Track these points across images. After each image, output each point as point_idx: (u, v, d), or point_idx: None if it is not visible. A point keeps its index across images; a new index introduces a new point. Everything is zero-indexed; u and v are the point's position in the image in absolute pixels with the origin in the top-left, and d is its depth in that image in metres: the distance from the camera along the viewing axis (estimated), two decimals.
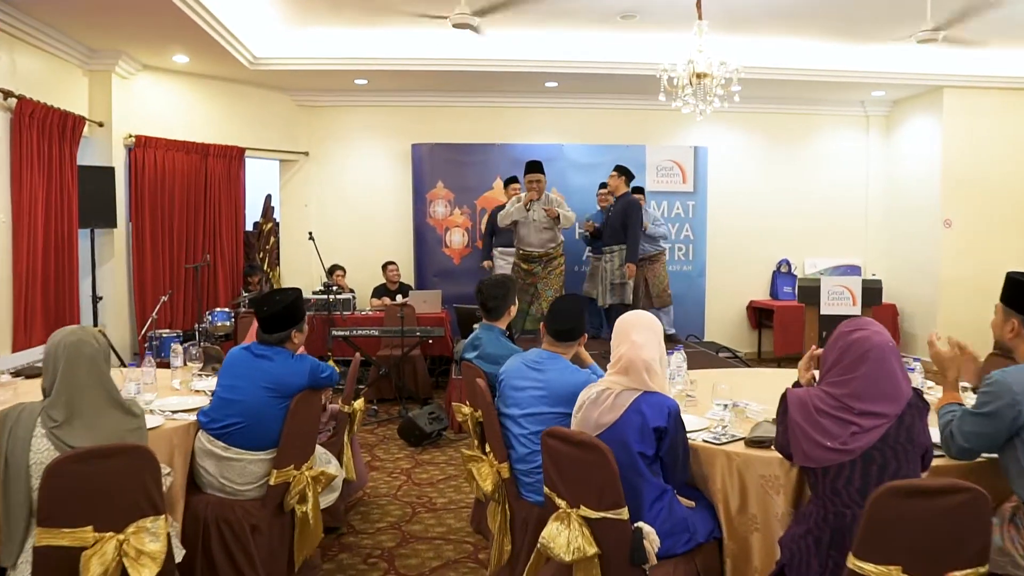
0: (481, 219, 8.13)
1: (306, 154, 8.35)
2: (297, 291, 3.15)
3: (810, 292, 5.86)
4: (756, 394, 3.19)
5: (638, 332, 2.54)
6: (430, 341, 6.43)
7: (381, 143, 8.46)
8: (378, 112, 8.43)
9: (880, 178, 9.24)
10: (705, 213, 8.50)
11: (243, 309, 7.09)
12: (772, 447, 2.45)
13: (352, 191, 8.45)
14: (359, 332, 6.16)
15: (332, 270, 7.86)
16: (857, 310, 5.78)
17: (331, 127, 8.42)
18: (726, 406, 2.85)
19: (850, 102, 9.08)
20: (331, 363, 5.78)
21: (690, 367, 3.69)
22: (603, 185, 7.48)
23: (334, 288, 7.23)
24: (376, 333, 6.18)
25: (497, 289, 3.55)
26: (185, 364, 3.82)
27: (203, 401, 3.14)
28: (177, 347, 3.83)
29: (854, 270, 9.26)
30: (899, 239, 9.02)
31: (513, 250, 7.14)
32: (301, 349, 3.19)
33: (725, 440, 2.62)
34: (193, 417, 2.97)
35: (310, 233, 6.53)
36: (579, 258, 8.29)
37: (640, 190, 7.68)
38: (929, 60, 8.00)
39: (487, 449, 3.14)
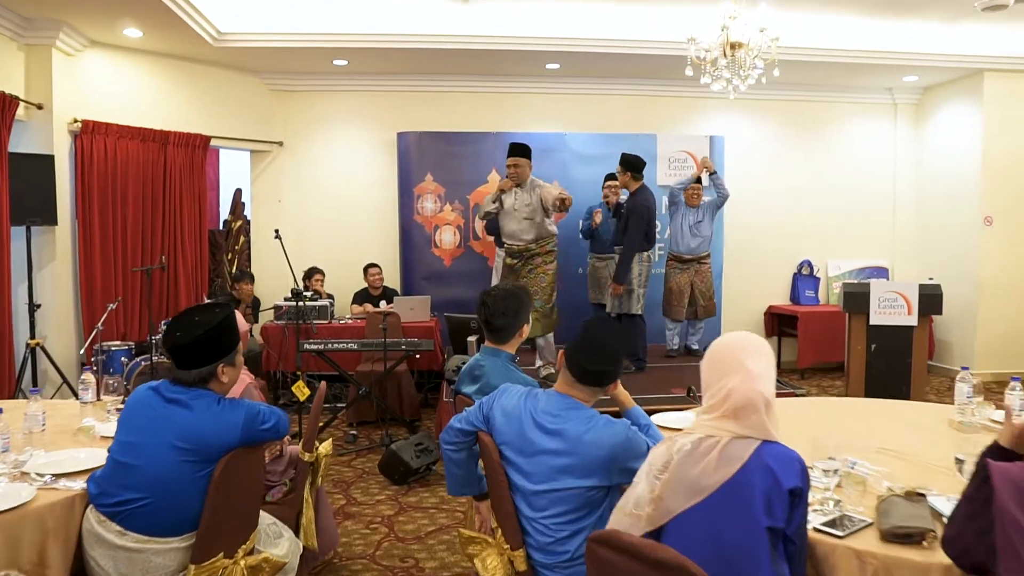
0: (475, 216, 7.31)
1: (280, 144, 7.51)
2: (227, 308, 2.30)
3: (857, 299, 5.07)
4: (848, 440, 2.40)
5: (753, 358, 1.80)
6: (417, 356, 5.60)
7: (363, 132, 7.63)
8: (360, 97, 7.60)
9: (909, 172, 8.48)
10: (722, 210, 7.68)
11: None
12: (925, 543, 1.66)
13: (331, 185, 7.61)
14: (335, 345, 5.32)
15: (310, 274, 7.03)
16: (913, 320, 5.00)
17: (308, 114, 7.58)
18: (835, 471, 2.05)
19: (877, 89, 8.31)
20: (299, 387, 4.98)
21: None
22: (610, 176, 6.67)
23: (310, 294, 6.40)
24: (354, 346, 5.35)
25: (506, 303, 2.72)
26: (98, 398, 2.96)
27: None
28: (89, 377, 2.97)
29: (881, 272, 8.51)
30: (931, 238, 8.25)
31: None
32: (237, 389, 2.35)
33: (849, 529, 1.82)
34: (82, 484, 2.14)
35: (276, 231, 5.69)
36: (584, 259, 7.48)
37: (699, 179, 6.85)
38: (968, 41, 7.25)
39: (494, 525, 2.32)
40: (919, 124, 8.42)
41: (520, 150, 5.50)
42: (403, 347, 5.32)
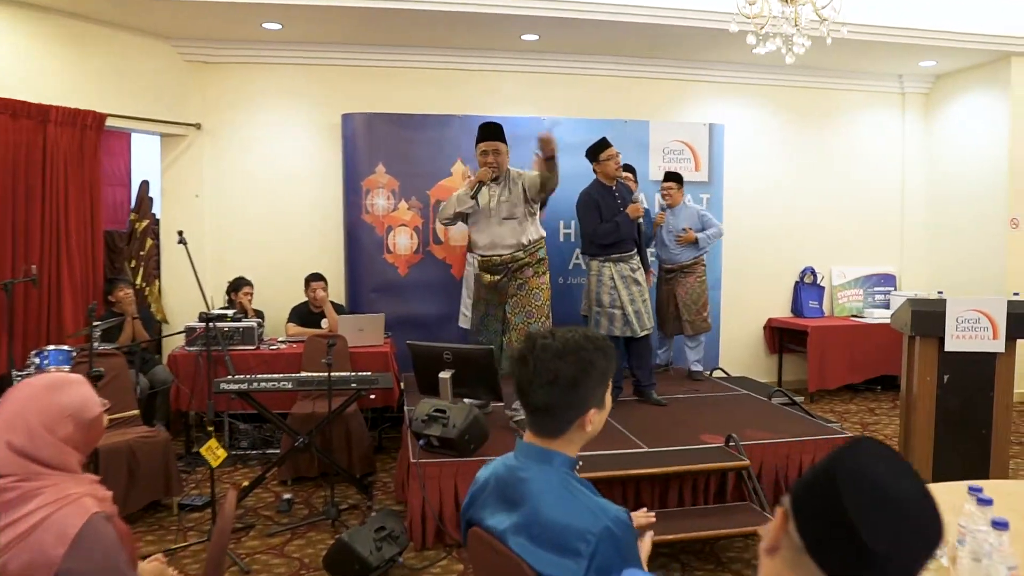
0: (436, 214, 6.09)
1: (197, 127, 6.15)
2: None
3: (927, 319, 4.05)
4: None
5: None
6: (371, 396, 4.35)
7: (301, 113, 6.33)
8: (297, 71, 6.30)
9: (918, 169, 7.60)
10: (722, 208, 6.66)
11: (98, 344, 4.88)
12: None
13: (261, 178, 6.29)
14: (262, 384, 4.03)
15: (235, 286, 5.70)
16: (999, 345, 4.00)
17: (232, 91, 6.24)
18: None
19: (886, 75, 7.40)
20: (210, 449, 3.68)
21: (731, 417, 3.11)
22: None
23: (233, 312, 5.08)
24: (288, 386, 4.06)
25: (564, 363, 1.48)
26: None
27: None
28: None
29: (888, 280, 7.62)
30: (944, 243, 7.38)
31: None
32: (69, 518, 1.12)
33: None
34: None
35: (180, 233, 4.37)
36: (564, 267, 6.35)
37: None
38: (992, 22, 6.38)
39: None
40: (929, 116, 7.55)
41: (496, 131, 4.34)
42: (353, 384, 4.07)
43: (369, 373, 4.24)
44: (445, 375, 3.86)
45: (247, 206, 6.26)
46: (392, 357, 5.14)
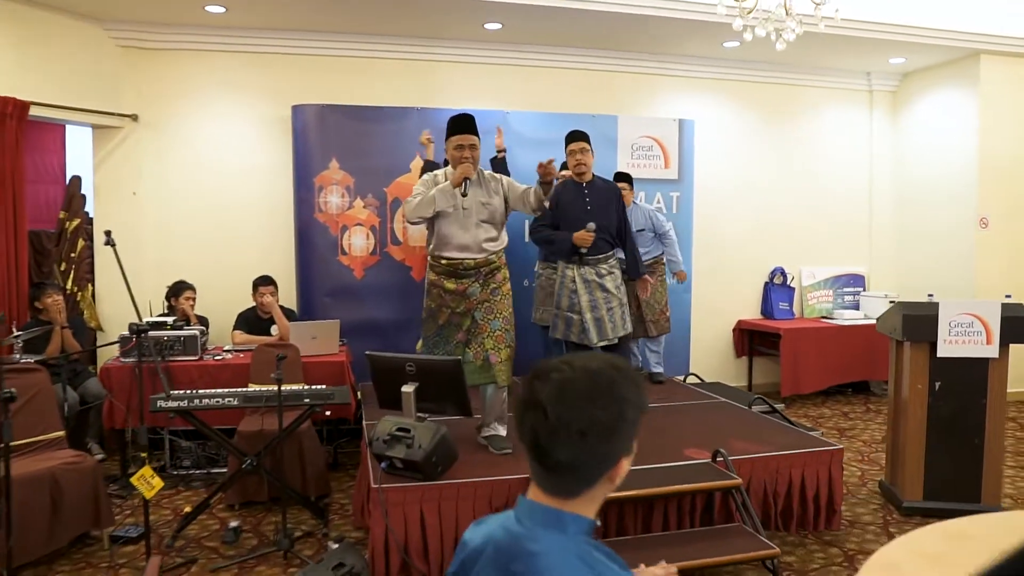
0: (394, 213, 5.73)
1: (134, 118, 5.68)
2: None
3: (919, 324, 3.85)
4: None
5: None
6: (327, 413, 3.97)
7: (248, 104, 5.90)
8: (243, 60, 5.87)
9: (886, 168, 7.49)
10: (692, 208, 6.43)
11: (20, 357, 4.42)
12: None
13: (205, 174, 5.84)
14: (205, 401, 3.62)
15: (176, 290, 5.26)
16: (993, 350, 3.81)
17: (172, 80, 5.78)
18: None
19: (854, 72, 7.27)
20: (142, 477, 3.26)
21: (713, 428, 2.99)
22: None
23: (172, 320, 4.65)
24: (234, 402, 3.66)
25: (592, 403, 1.13)
26: None
27: None
28: None
29: (857, 280, 7.49)
30: (913, 243, 7.28)
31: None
32: None
33: None
34: None
35: (107, 234, 3.93)
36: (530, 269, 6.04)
37: (625, 177, 5.55)
38: (962, 20, 6.28)
39: None
40: (897, 114, 7.44)
41: (470, 124, 3.99)
42: (306, 400, 3.69)
43: (323, 387, 3.86)
44: (408, 389, 3.51)
45: (190, 204, 5.81)
46: (348, 367, 4.76)
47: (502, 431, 3.99)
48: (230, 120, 5.87)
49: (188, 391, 3.74)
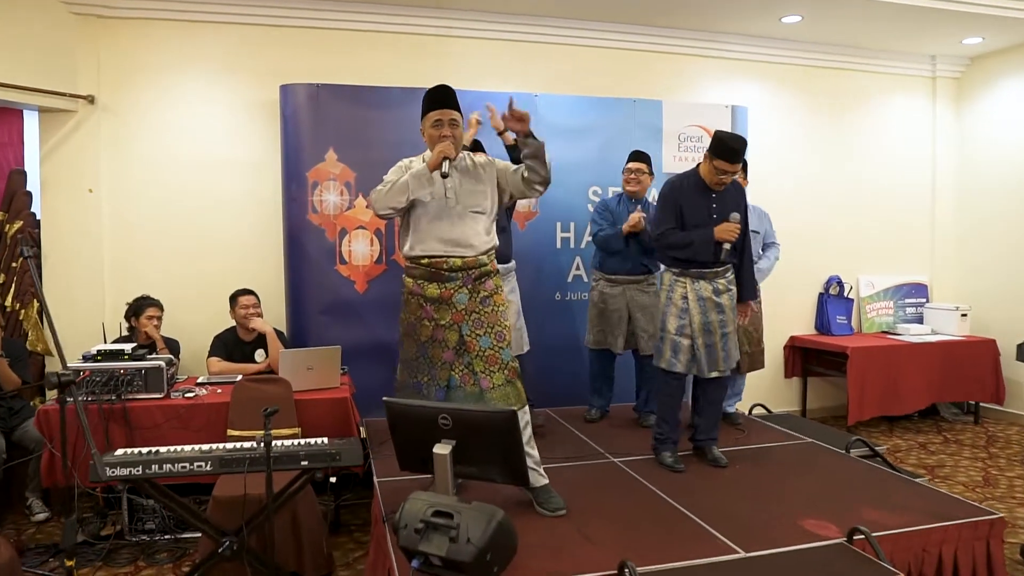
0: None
1: (89, 100, 4.73)
2: None
3: None
4: None
5: None
6: (332, 480, 3.01)
7: (228, 84, 4.96)
8: (224, 32, 4.93)
9: (950, 164, 6.65)
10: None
11: None
12: None
13: (176, 167, 4.89)
14: (164, 465, 2.68)
15: (137, 309, 4.32)
16: None
17: (137, 54, 4.83)
18: None
19: (917, 56, 6.43)
20: None
21: (823, 484, 2.29)
22: (636, 157, 4.45)
23: (131, 349, 3.71)
24: (206, 467, 2.72)
25: None
26: None
27: None
28: None
29: (919, 290, 6.65)
30: (982, 249, 6.46)
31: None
32: None
33: None
34: None
35: (23, 247, 2.96)
36: (562, 279, 5.15)
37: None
38: None
39: None
40: (961, 104, 6.60)
41: (448, 97, 3.10)
42: (303, 463, 2.76)
43: (324, 442, 2.94)
44: (443, 451, 2.59)
45: (158, 204, 4.86)
46: (352, 405, 3.82)
47: (543, 478, 3.09)
48: (207, 103, 4.92)
49: (140, 452, 2.80)
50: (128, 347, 3.65)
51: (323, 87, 4.72)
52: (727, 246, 3.59)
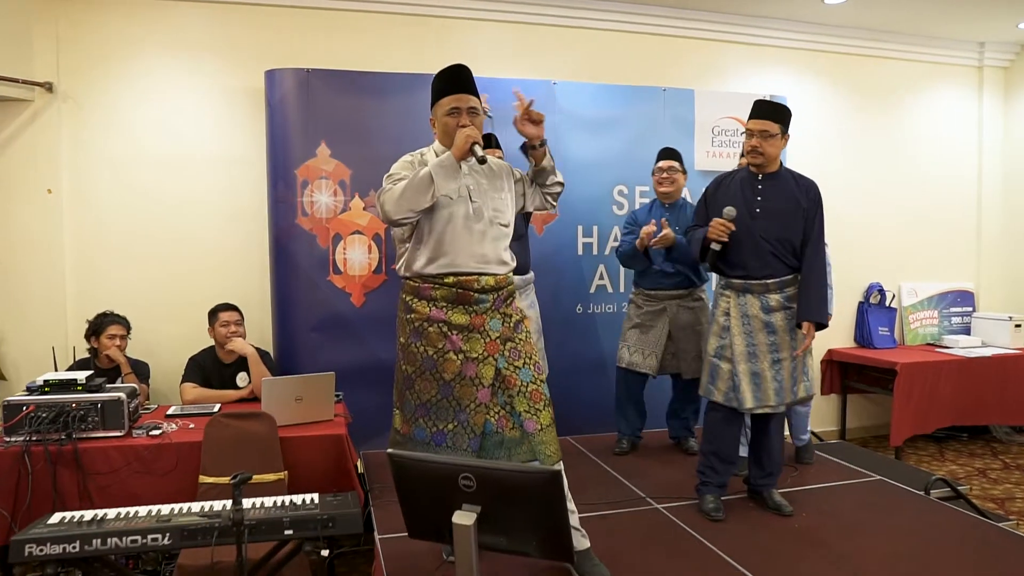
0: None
1: (47, 88, 4.15)
2: None
3: None
4: None
5: None
6: (322, 554, 2.42)
7: (207, 70, 4.37)
8: (200, 10, 4.35)
9: (997, 162, 6.11)
10: None
11: None
12: None
13: (146, 165, 4.31)
14: (108, 539, 2.11)
15: (96, 327, 3.75)
16: None
17: (102, 37, 4.25)
18: None
19: (964, 42, 5.90)
20: None
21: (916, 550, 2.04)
22: (666, 155, 3.91)
23: (84, 378, 3.13)
24: (163, 542, 2.15)
25: None
26: None
27: None
28: None
29: (965, 298, 6.11)
30: None
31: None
32: None
33: None
34: None
35: None
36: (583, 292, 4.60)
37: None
38: None
39: None
40: (1010, 95, 6.07)
41: (464, 80, 2.55)
42: (287, 531, 2.19)
43: (313, 501, 2.37)
44: (465, 519, 2.03)
45: (128, 206, 4.28)
46: (349, 443, 3.25)
47: (585, 540, 2.55)
48: (182, 92, 4.34)
49: (80, 518, 2.22)
50: (81, 376, 3.07)
51: (314, 72, 4.15)
52: (715, 246, 3.02)
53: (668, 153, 3.98)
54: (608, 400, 4.20)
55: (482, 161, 2.39)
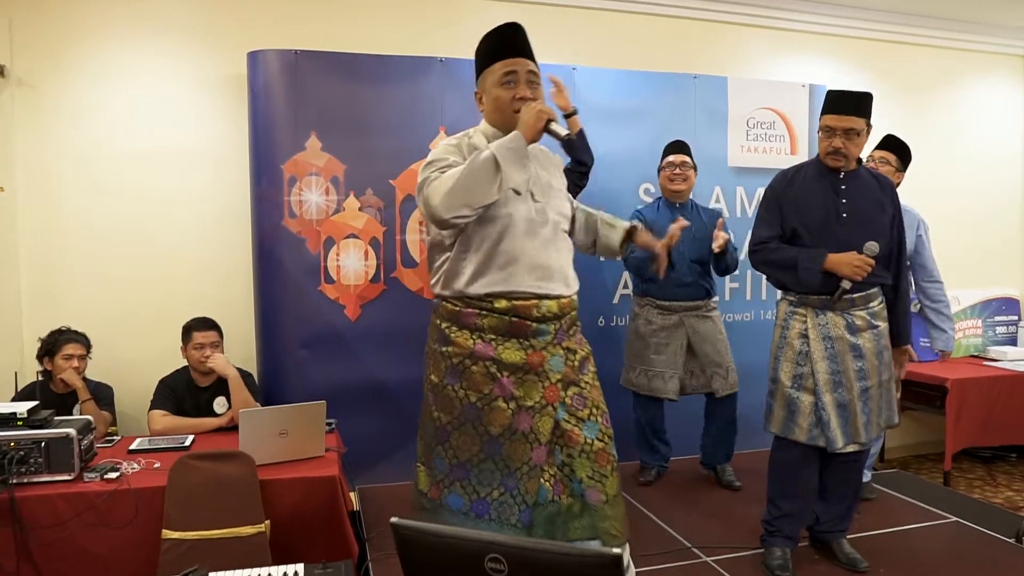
0: (407, 217, 3.77)
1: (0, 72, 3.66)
2: None
3: None
4: None
5: None
6: None
7: (182, 53, 3.87)
8: None
9: None
10: None
11: None
12: None
13: (113, 160, 3.81)
14: None
15: (50, 346, 3.26)
16: None
17: (64, 16, 3.75)
18: None
19: (1006, 28, 5.45)
20: None
21: None
22: (677, 148, 3.47)
23: (32, 411, 2.64)
24: None
25: None
26: None
27: None
28: None
29: (1011, 306, 5.65)
30: None
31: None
32: None
33: None
34: None
35: None
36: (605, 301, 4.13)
37: (896, 145, 3.64)
38: None
39: None
40: None
41: (519, 41, 2.08)
42: None
43: (298, 573, 1.89)
44: None
45: (92, 207, 3.78)
46: (343, 484, 2.75)
47: None
48: (154, 78, 3.84)
49: None
50: (22, 408, 2.57)
51: (303, 55, 3.65)
52: (845, 284, 2.53)
53: (679, 146, 3.60)
54: (632, 422, 3.73)
55: (567, 140, 1.90)
